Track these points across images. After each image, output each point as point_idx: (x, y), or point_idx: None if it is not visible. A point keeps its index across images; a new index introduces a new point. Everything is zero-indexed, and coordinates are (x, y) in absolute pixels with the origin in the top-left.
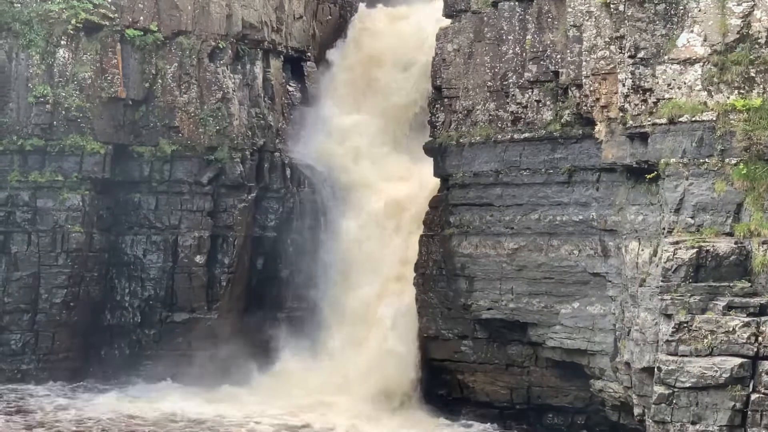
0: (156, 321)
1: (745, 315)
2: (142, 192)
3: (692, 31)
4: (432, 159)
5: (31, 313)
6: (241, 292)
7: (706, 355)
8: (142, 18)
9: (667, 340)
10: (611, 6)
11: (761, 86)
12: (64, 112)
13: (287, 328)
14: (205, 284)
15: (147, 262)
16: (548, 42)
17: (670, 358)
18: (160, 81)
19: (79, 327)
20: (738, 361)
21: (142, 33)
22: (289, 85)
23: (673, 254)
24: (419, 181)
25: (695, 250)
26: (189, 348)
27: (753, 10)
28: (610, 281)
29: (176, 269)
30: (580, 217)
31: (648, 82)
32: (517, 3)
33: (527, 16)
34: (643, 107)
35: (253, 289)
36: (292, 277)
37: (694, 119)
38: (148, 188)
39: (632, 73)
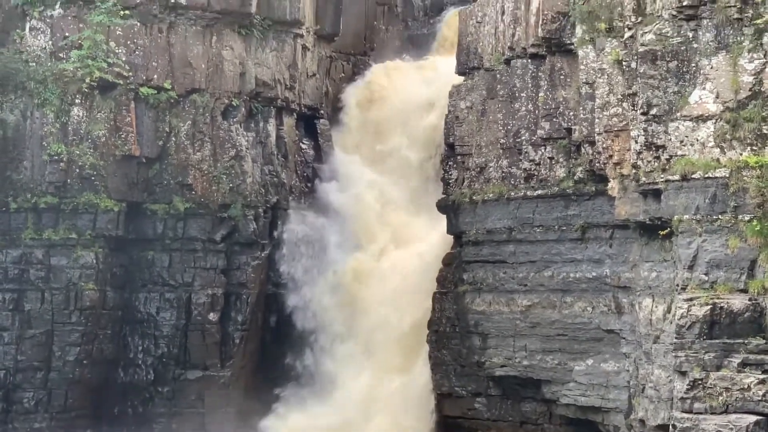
0: (169, 378)
1: (760, 372)
2: (155, 249)
3: (704, 88)
4: (445, 216)
5: (44, 370)
6: (255, 350)
7: (722, 413)
8: (156, 76)
9: (682, 398)
10: (623, 63)
11: None
12: (78, 170)
13: (301, 386)
14: (218, 341)
15: (160, 319)
16: (561, 99)
17: (685, 415)
18: (173, 139)
19: (92, 385)
20: (754, 418)
21: (156, 91)
22: (302, 143)
23: (687, 311)
24: (433, 238)
25: (709, 307)
26: (202, 405)
27: (765, 68)
28: (624, 338)
29: (189, 327)
30: (594, 274)
31: (661, 138)
32: (529, 60)
33: (540, 74)
34: (656, 164)
35: (267, 345)
36: (305, 335)
37: (707, 176)
38: (162, 246)
39: (645, 130)
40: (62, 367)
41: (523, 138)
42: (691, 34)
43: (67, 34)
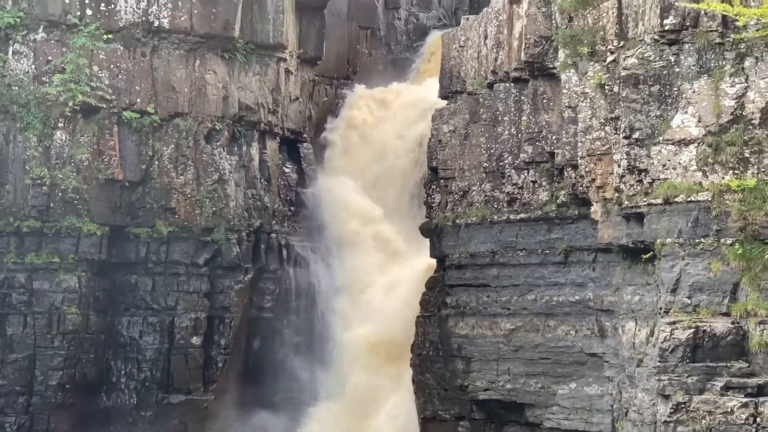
0: (152, 402)
1: (743, 395)
2: (138, 273)
3: (686, 112)
4: (428, 240)
5: (27, 395)
6: (238, 374)
7: None
8: (139, 100)
9: (665, 421)
10: (606, 87)
11: (755, 166)
12: (60, 194)
13: (284, 410)
14: (201, 365)
15: (143, 343)
16: (544, 123)
17: None
18: (156, 162)
19: (75, 409)
20: None
21: (139, 115)
22: (286, 167)
23: (670, 334)
24: (416, 262)
25: (692, 331)
26: (185, 430)
27: (746, 92)
28: (607, 361)
29: (173, 350)
30: (577, 298)
31: (643, 162)
32: (512, 84)
33: (522, 97)
34: (639, 188)
35: (250, 369)
36: (288, 359)
37: (689, 199)
38: (145, 269)
39: (627, 153)
40: (44, 392)
41: (506, 162)
42: (673, 59)
43: (50, 57)
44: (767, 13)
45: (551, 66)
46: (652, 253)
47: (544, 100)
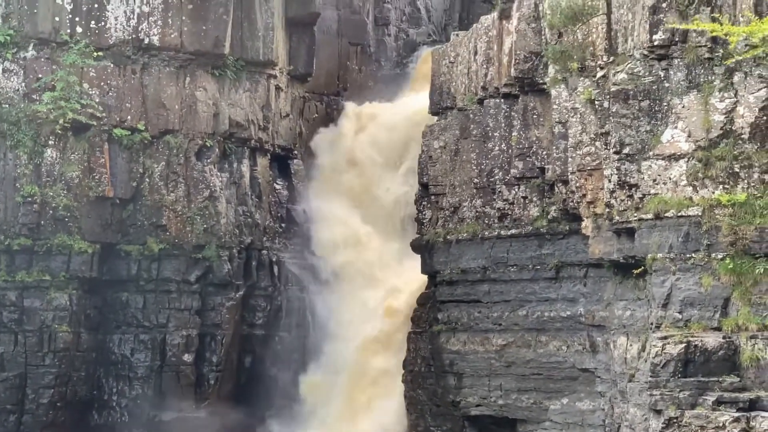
0: (144, 420)
1: (734, 410)
2: (129, 291)
3: (676, 127)
4: (419, 256)
5: (18, 414)
6: (230, 391)
7: None
8: (129, 117)
9: None
10: (596, 103)
11: (745, 181)
12: (51, 212)
13: (276, 427)
14: (193, 383)
15: (135, 360)
16: (534, 138)
17: None
18: (147, 180)
19: (66, 427)
20: None
21: (130, 132)
22: (276, 183)
23: (662, 349)
24: (407, 278)
25: (684, 345)
26: None
27: (736, 106)
28: (599, 377)
29: (164, 368)
30: (568, 313)
31: (634, 177)
32: (502, 100)
33: (513, 113)
34: (629, 203)
35: (242, 387)
36: (280, 375)
37: (680, 214)
38: (136, 287)
39: (618, 168)
40: (36, 410)
41: (497, 177)
42: (662, 74)
43: (40, 75)
44: (756, 31)
45: (541, 81)
46: (643, 268)
47: (535, 116)
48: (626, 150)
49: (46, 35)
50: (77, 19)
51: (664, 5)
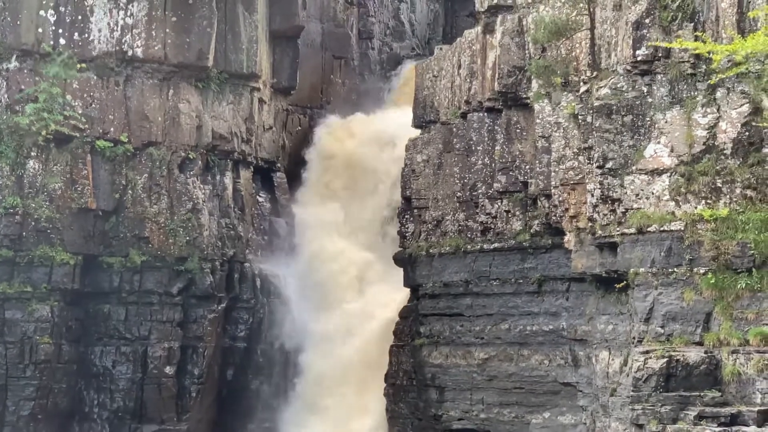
0: None
1: (716, 425)
2: (111, 303)
3: (659, 142)
4: (402, 270)
5: None
6: (211, 403)
7: None
8: (112, 129)
9: None
10: (579, 117)
11: (728, 196)
12: (33, 223)
13: None
14: (174, 395)
15: (116, 373)
16: (517, 152)
17: None
18: (130, 192)
19: None
20: None
21: (113, 144)
22: (259, 196)
23: (644, 364)
24: (389, 291)
25: (665, 360)
26: None
27: (718, 122)
28: (580, 391)
29: (146, 380)
30: (551, 327)
31: (616, 192)
32: (485, 114)
33: (496, 127)
34: (612, 217)
35: (224, 400)
36: (262, 388)
37: (662, 229)
38: (118, 299)
39: (601, 183)
40: (16, 422)
41: (480, 191)
42: (645, 89)
43: (22, 87)
44: (739, 49)
45: (524, 96)
46: (625, 282)
47: (518, 130)
48: (609, 164)
49: (29, 47)
50: (60, 30)
51: (647, 21)
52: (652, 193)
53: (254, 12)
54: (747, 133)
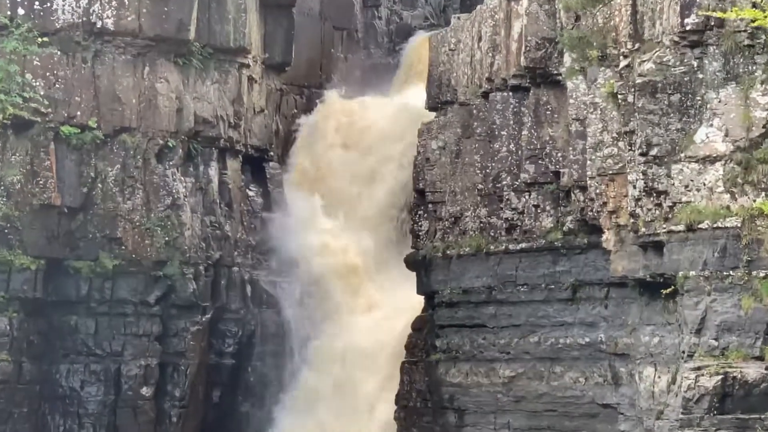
0: None
1: None
2: (79, 314)
3: (712, 125)
4: (415, 274)
5: None
6: (195, 429)
7: None
8: (79, 113)
9: None
10: (619, 97)
11: None
12: None
13: None
14: (152, 420)
15: (85, 395)
16: (547, 138)
17: None
18: (100, 185)
19: None
20: None
21: (80, 130)
22: (249, 189)
23: (695, 382)
24: (400, 301)
25: (720, 377)
26: None
27: None
28: (622, 413)
29: (119, 403)
30: (587, 340)
31: (662, 183)
32: (511, 94)
33: (523, 109)
34: (657, 212)
35: (209, 425)
36: (253, 412)
37: (715, 226)
38: (87, 309)
39: (644, 173)
40: None
41: (504, 183)
42: (695, 63)
43: None
44: None
45: (555, 72)
46: (673, 287)
47: (548, 112)
48: (654, 151)
49: None
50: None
51: None
52: (704, 185)
53: None
54: None
